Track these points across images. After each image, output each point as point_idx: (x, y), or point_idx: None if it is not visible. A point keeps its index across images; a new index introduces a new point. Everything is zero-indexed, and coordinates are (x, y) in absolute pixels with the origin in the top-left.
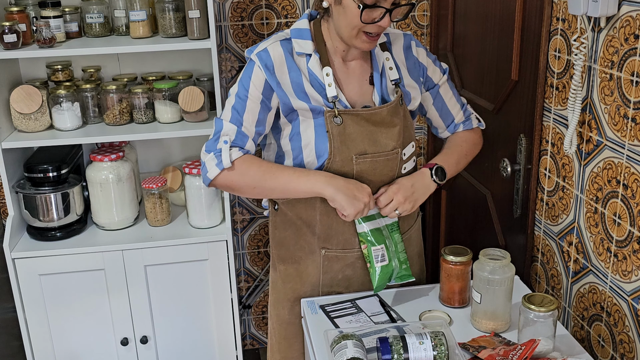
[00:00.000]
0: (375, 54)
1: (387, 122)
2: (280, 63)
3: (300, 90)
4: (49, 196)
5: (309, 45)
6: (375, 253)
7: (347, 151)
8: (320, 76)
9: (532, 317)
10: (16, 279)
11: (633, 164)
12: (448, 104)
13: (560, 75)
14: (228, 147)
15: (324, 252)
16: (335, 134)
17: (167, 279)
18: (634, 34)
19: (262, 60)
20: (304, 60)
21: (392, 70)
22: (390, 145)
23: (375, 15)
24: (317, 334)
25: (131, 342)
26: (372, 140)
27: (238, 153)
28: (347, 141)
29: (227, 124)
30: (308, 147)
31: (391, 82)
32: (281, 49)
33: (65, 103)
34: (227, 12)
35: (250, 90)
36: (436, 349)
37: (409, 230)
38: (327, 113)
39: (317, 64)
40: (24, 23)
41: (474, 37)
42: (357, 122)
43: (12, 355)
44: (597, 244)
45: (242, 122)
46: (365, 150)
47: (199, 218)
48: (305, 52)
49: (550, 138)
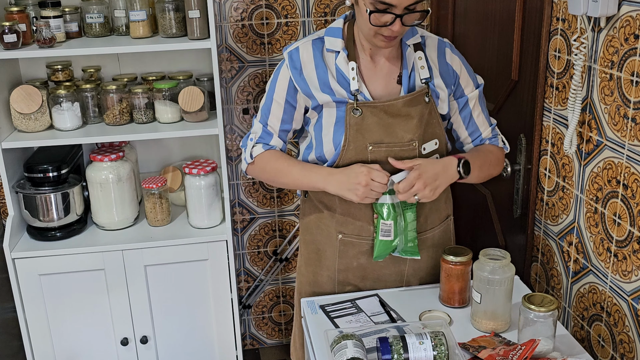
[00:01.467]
0: (407, 54)
1: (403, 114)
2: (309, 61)
3: (325, 86)
4: (49, 196)
5: (338, 42)
6: (383, 227)
7: (362, 139)
8: (346, 71)
9: (532, 317)
10: (16, 279)
11: (633, 164)
12: (477, 119)
13: (560, 75)
14: (252, 144)
15: (340, 237)
16: (352, 124)
17: (167, 279)
18: (634, 34)
19: (291, 59)
20: (332, 57)
21: (424, 69)
22: (406, 137)
23: (386, 19)
24: (317, 334)
25: (131, 342)
26: (388, 132)
27: (260, 149)
28: (363, 130)
29: (256, 123)
30: (327, 137)
31: (421, 81)
32: (311, 48)
33: (65, 103)
34: (227, 12)
35: (276, 91)
36: (436, 349)
37: (433, 230)
38: (348, 105)
39: (344, 60)
40: (24, 23)
41: (474, 37)
42: (375, 114)
43: (12, 355)
44: (597, 244)
45: (267, 122)
46: (381, 140)
47: (199, 218)
48: (334, 49)
49: (550, 138)
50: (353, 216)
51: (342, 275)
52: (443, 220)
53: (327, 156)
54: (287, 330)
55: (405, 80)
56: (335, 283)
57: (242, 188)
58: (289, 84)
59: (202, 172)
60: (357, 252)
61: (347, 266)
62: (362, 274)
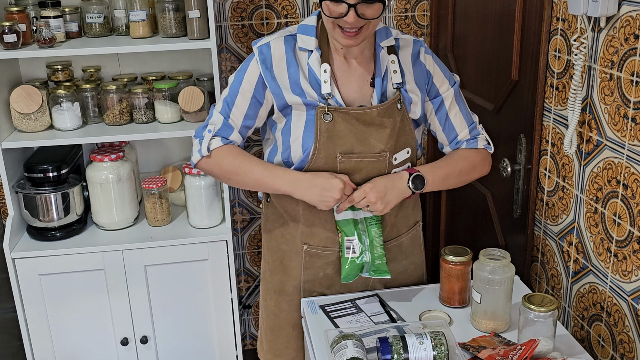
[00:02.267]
0: (380, 56)
1: (377, 123)
2: (280, 59)
3: (296, 86)
4: (49, 196)
5: (312, 41)
6: (347, 244)
7: (333, 147)
8: (318, 72)
9: (532, 317)
10: (16, 279)
11: (633, 164)
12: (453, 119)
13: (560, 75)
14: (210, 136)
15: (306, 248)
16: (323, 130)
17: (167, 279)
18: (634, 34)
19: (261, 54)
20: (305, 56)
21: (396, 74)
22: (378, 147)
23: (340, 10)
24: (317, 334)
25: (131, 342)
26: (360, 140)
27: (218, 142)
28: (334, 138)
29: (216, 114)
30: (296, 141)
31: (393, 86)
32: (283, 45)
33: (65, 103)
34: (227, 12)
35: (243, 84)
36: (436, 349)
37: (399, 238)
38: (319, 109)
39: (317, 61)
40: (24, 23)
41: (474, 37)
42: (347, 121)
43: (12, 355)
44: (597, 244)
45: (229, 114)
46: (352, 149)
47: (199, 218)
48: (308, 48)
49: (550, 138)
50: (318, 227)
51: (308, 285)
52: (411, 227)
53: (295, 161)
54: None
55: (378, 84)
56: (300, 291)
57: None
58: (258, 79)
59: (202, 172)
60: (324, 263)
61: (314, 277)
62: (329, 283)
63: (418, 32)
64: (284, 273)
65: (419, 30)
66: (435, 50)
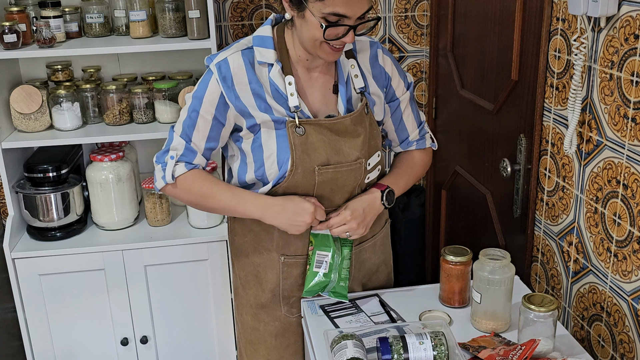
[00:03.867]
0: (341, 62)
1: (350, 132)
2: (240, 75)
3: (261, 102)
4: (49, 196)
5: (271, 54)
6: (318, 258)
7: (310, 161)
8: (281, 86)
9: (532, 317)
10: (16, 279)
11: (633, 164)
12: (406, 120)
13: (560, 75)
14: (173, 162)
15: (283, 259)
16: (297, 144)
17: (167, 279)
18: (634, 34)
19: (220, 72)
20: (265, 70)
21: (358, 78)
22: (353, 155)
23: (338, 31)
24: (317, 334)
25: (131, 342)
26: (335, 149)
27: (182, 169)
28: (309, 151)
29: (176, 138)
30: (270, 158)
31: (356, 91)
32: (241, 60)
33: (65, 103)
34: (227, 12)
35: (203, 106)
36: (436, 349)
37: (374, 237)
38: (289, 123)
39: (278, 74)
40: (24, 23)
41: (474, 37)
42: (319, 132)
43: (12, 355)
44: (597, 244)
45: (190, 138)
46: (328, 161)
47: (199, 218)
48: (267, 62)
49: (550, 138)
50: (294, 237)
51: (286, 292)
52: (383, 225)
53: (270, 178)
54: None
55: (342, 91)
56: (280, 299)
57: None
58: (219, 100)
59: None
60: (302, 271)
61: (292, 286)
62: None
63: (418, 32)
64: (259, 287)
65: (419, 30)
66: (435, 50)
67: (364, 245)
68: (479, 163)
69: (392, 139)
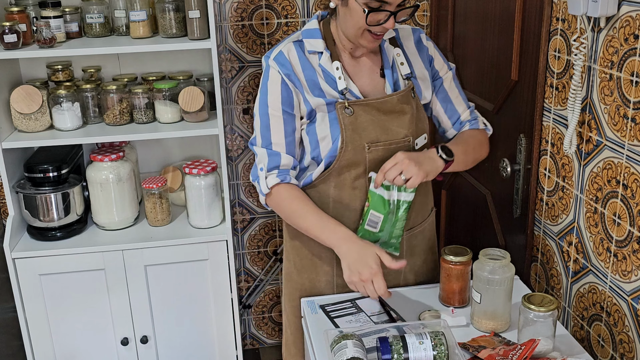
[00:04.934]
0: (385, 48)
1: (397, 110)
2: (295, 62)
3: (315, 87)
4: (49, 196)
5: (319, 43)
6: (372, 217)
7: (359, 139)
8: (331, 71)
9: (532, 317)
10: (16, 279)
11: (633, 164)
12: (454, 100)
13: (560, 75)
14: (264, 174)
15: None
16: (347, 123)
17: (167, 279)
18: (633, 34)
19: (279, 63)
20: (316, 58)
21: (404, 65)
22: (401, 133)
23: (380, 17)
24: (317, 334)
25: (131, 341)
26: (383, 128)
27: (275, 179)
28: (359, 130)
29: (258, 150)
30: (325, 139)
31: (403, 77)
32: (294, 49)
33: (66, 103)
34: (227, 12)
35: (270, 105)
36: (436, 348)
37: (422, 224)
38: (339, 105)
39: (327, 60)
40: (24, 23)
41: (474, 37)
42: (367, 112)
43: (12, 355)
44: (596, 244)
45: (270, 141)
46: (377, 139)
47: (199, 218)
48: (317, 50)
49: (550, 138)
50: (348, 218)
51: (341, 279)
52: (429, 212)
53: (323, 156)
54: None
55: (388, 74)
56: (334, 286)
57: (242, 188)
58: (282, 90)
59: (202, 172)
60: None
61: None
62: None
63: None
64: (314, 270)
65: None
66: None
67: (414, 230)
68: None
69: (444, 123)
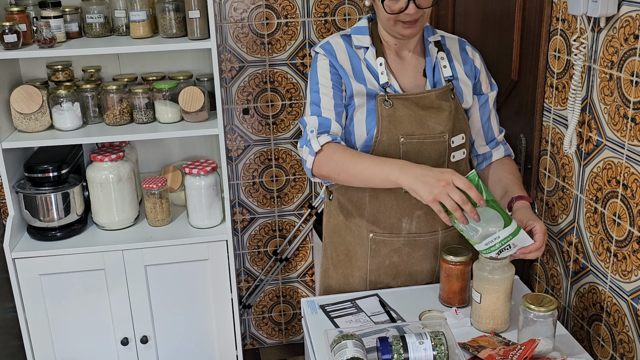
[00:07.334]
0: (429, 50)
1: (435, 106)
2: (342, 51)
3: (359, 75)
4: (49, 196)
5: (366, 39)
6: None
7: (395, 131)
8: (375, 65)
9: (532, 317)
10: (16, 279)
11: (633, 164)
12: (492, 119)
13: (560, 76)
14: (315, 134)
15: (372, 236)
16: (384, 115)
17: (167, 279)
18: (633, 34)
19: (325, 50)
20: (361, 52)
21: (446, 68)
22: (438, 129)
23: (400, 5)
24: (317, 334)
25: (131, 342)
26: (420, 123)
27: (326, 138)
28: (395, 122)
29: (308, 118)
30: (360, 128)
31: (445, 79)
32: (342, 40)
33: (66, 103)
34: (227, 12)
35: (320, 81)
36: (436, 348)
37: None
38: (379, 97)
39: (372, 55)
40: (24, 23)
41: (474, 37)
42: (406, 106)
43: (12, 355)
44: (596, 244)
45: (320, 110)
46: (413, 132)
47: (199, 218)
48: (363, 45)
49: (550, 138)
50: (383, 214)
51: (373, 275)
52: None
53: (358, 145)
54: (287, 330)
55: (429, 73)
56: (367, 283)
57: (242, 188)
58: (330, 69)
59: (202, 172)
60: (390, 251)
61: (379, 265)
62: (394, 272)
63: None
64: (349, 265)
65: None
66: None
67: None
68: None
69: (479, 139)
